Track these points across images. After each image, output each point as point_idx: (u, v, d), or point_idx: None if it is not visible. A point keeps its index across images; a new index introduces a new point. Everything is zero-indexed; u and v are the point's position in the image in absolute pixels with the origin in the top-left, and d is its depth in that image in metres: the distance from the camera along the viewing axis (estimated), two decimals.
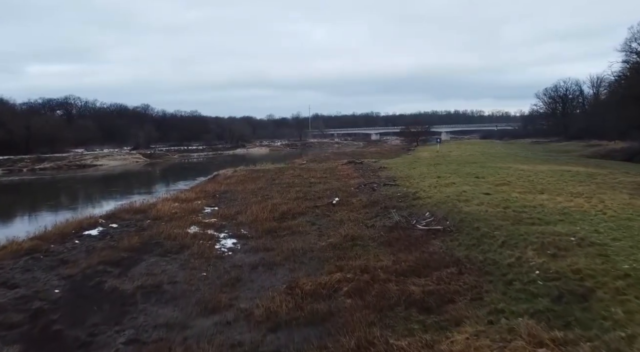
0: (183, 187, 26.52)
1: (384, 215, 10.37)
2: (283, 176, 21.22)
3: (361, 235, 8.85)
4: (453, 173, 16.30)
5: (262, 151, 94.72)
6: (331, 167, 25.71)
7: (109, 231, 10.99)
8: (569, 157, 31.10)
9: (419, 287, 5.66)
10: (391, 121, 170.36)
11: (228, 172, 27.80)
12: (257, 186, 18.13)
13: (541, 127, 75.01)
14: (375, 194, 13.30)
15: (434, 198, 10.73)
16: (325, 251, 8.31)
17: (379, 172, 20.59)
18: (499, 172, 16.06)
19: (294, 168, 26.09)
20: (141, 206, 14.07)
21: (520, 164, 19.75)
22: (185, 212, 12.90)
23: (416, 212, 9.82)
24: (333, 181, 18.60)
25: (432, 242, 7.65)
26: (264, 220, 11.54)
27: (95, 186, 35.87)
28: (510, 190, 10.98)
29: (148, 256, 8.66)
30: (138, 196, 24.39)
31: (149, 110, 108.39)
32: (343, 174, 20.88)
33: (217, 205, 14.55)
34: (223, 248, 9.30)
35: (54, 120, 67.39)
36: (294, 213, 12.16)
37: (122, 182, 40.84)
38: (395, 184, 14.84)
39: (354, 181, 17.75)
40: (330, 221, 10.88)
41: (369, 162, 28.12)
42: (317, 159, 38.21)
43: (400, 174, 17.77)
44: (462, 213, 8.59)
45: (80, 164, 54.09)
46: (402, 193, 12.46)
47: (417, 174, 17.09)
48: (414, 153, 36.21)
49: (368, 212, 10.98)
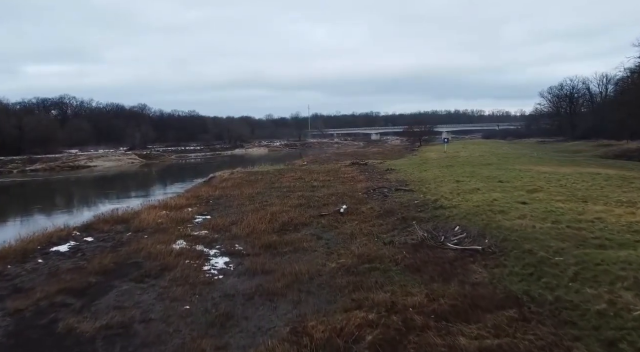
0: (177, 190, 25.03)
1: (403, 228, 8.84)
2: (283, 179, 19.69)
3: (379, 255, 7.32)
4: (471, 176, 14.79)
5: (261, 151, 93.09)
6: (334, 168, 24.19)
7: (81, 246, 9.45)
8: (583, 157, 29.62)
9: (473, 341, 4.13)
10: (391, 121, 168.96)
11: (225, 174, 26.27)
12: (254, 191, 16.60)
13: (546, 127, 73.52)
14: (388, 202, 11.77)
15: (461, 208, 9.20)
16: (336, 276, 6.79)
17: (386, 174, 19.07)
18: (521, 175, 14.55)
19: (294, 170, 24.57)
20: (124, 214, 12.52)
21: (539, 166, 18.26)
22: (172, 223, 11.37)
23: (442, 225, 8.29)
24: (338, 184, 17.07)
25: (471, 267, 6.13)
26: (262, 232, 10.02)
27: (86, 188, 34.30)
28: (547, 198, 9.47)
29: (120, 282, 7.12)
30: (128, 200, 22.87)
31: (146, 110, 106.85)
32: (348, 176, 19.36)
33: (210, 213, 13.02)
34: (213, 269, 7.77)
35: (47, 120, 65.62)
36: (297, 224, 10.64)
37: (114, 184, 39.24)
38: (409, 189, 13.31)
39: (361, 184, 16.22)
40: (339, 235, 9.35)
41: (373, 163, 26.61)
42: (318, 160, 36.69)
43: (412, 177, 16.26)
44: (502, 229, 7.08)
45: (74, 165, 52.48)
46: (420, 201, 10.93)
47: (430, 177, 15.56)
48: (419, 153, 34.69)
49: (383, 224, 9.45)
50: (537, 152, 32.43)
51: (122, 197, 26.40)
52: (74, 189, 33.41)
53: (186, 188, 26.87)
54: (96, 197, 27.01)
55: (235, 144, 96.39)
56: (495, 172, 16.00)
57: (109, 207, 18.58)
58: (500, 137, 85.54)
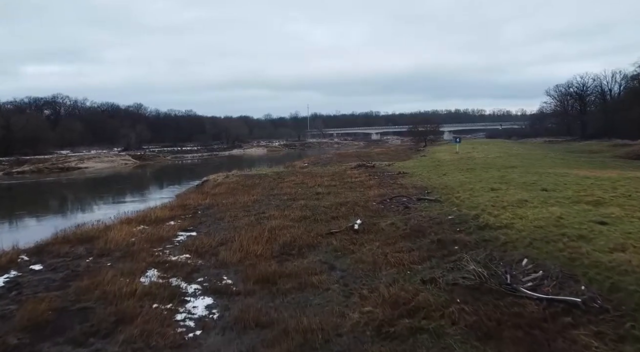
0: (166, 195, 22.90)
1: (443, 256, 6.70)
2: (283, 184, 17.54)
3: (421, 302, 5.17)
4: (504, 182, 12.64)
5: (259, 152, 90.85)
6: (338, 171, 22.05)
7: (22, 278, 7.28)
8: (606, 158, 27.49)
9: None
10: (391, 120, 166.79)
11: (219, 177, 24.13)
12: (250, 198, 14.45)
13: (551, 126, 71.36)
14: (412, 216, 9.61)
15: (517, 228, 7.06)
16: (363, 339, 4.66)
17: (400, 178, 16.93)
18: (563, 181, 12.40)
19: (295, 173, 22.42)
20: (91, 230, 10.34)
21: (574, 169, 16.16)
22: (148, 243, 9.21)
23: (500, 255, 6.15)
24: (346, 191, 14.93)
25: (577, 337, 3.98)
26: (258, 257, 7.90)
27: (71, 192, 32.05)
28: (626, 214, 7.32)
29: (52, 346, 4.96)
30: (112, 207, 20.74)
31: (142, 110, 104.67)
32: (356, 181, 17.21)
33: (197, 228, 10.86)
34: (188, 320, 5.63)
35: (36, 120, 63.17)
36: (301, 245, 8.49)
37: (103, 187, 36.98)
38: (435, 199, 11.14)
39: (373, 191, 14.08)
40: (356, 263, 7.21)
41: (381, 165, 24.47)
42: (320, 162, 34.56)
43: (432, 183, 14.12)
44: (602, 268, 4.94)
45: (63, 166, 50.17)
46: (455, 216, 8.77)
47: (455, 183, 13.40)
48: (427, 154, 32.49)
49: (414, 249, 7.31)
50: (554, 152, 30.32)
51: (107, 202, 24.25)
52: (58, 193, 31.18)
53: (177, 192, 24.77)
54: (78, 203, 24.81)
55: (233, 144, 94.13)
56: (529, 176, 13.85)
57: (87, 216, 16.45)
58: (504, 136, 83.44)
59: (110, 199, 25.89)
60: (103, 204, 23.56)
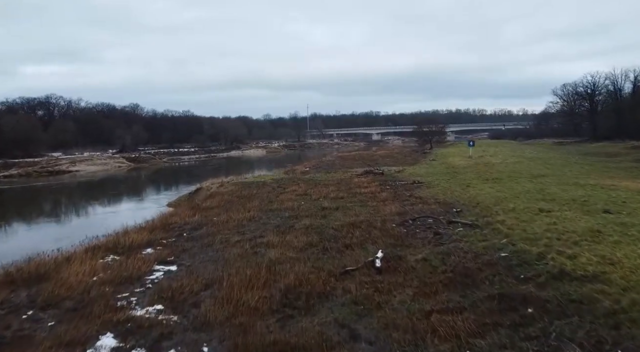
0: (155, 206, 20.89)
1: (515, 326, 4.68)
2: (283, 196, 15.52)
3: None
4: (546, 199, 10.62)
5: (258, 153, 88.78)
6: (344, 179, 20.04)
7: None
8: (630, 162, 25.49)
9: None
10: (392, 120, 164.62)
11: (213, 185, 22.15)
12: (246, 215, 12.42)
13: (559, 126, 69.27)
14: (449, 248, 7.57)
15: (617, 283, 5.03)
16: None
17: (416, 190, 14.92)
18: (616, 197, 10.41)
19: (296, 180, 20.40)
20: (45, 264, 8.29)
21: (615, 180, 14.15)
22: (112, 284, 7.20)
23: (609, 335, 4.13)
24: (356, 205, 12.91)
25: None
26: (252, 312, 5.91)
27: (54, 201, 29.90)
28: None
29: None
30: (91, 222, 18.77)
31: (138, 110, 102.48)
32: (366, 192, 15.20)
33: (178, 259, 8.84)
34: None
35: (28, 120, 61.01)
36: (309, 292, 6.48)
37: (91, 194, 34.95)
38: (470, 223, 9.09)
39: (389, 207, 12.06)
40: (386, 328, 5.20)
41: (389, 171, 22.46)
42: (322, 166, 32.52)
43: (457, 197, 12.12)
44: None
45: (54, 170, 48.02)
46: (508, 252, 6.72)
47: (486, 198, 11.37)
48: (437, 158, 30.36)
49: (464, 306, 5.31)
50: (573, 156, 28.31)
51: (89, 215, 22.25)
52: (39, 202, 29.07)
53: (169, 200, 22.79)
54: (55, 216, 22.69)
55: (231, 146, 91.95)
56: (572, 190, 11.83)
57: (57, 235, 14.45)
58: (509, 137, 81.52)
59: (93, 210, 23.87)
60: (84, 217, 21.55)
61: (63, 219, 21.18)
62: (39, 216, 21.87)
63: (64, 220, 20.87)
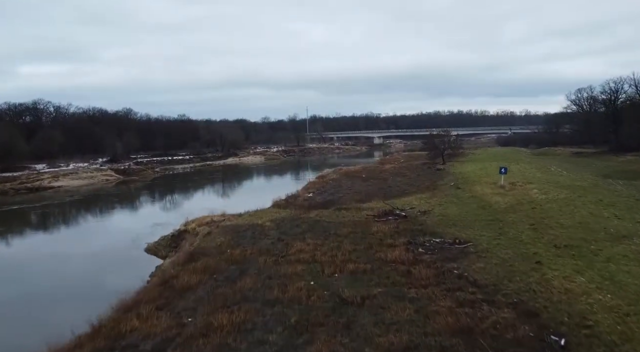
0: (134, 247, 17.24)
1: None
2: (286, 267, 11.75)
3: None
4: None
5: (256, 160, 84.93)
6: (359, 223, 16.33)
7: None
8: None
9: None
10: (393, 123, 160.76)
11: (202, 227, 18.56)
12: (234, 318, 8.63)
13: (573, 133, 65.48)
14: None
15: None
16: None
17: (463, 261, 11.19)
18: None
19: (300, 225, 16.68)
20: None
21: None
22: None
23: None
24: (389, 296, 9.17)
25: None
26: None
27: (17, 233, 26.13)
28: None
29: None
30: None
31: (131, 115, 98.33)
32: (395, 259, 11.46)
33: None
34: None
35: (9, 129, 57.00)
36: None
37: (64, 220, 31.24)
38: None
39: (439, 305, 8.35)
40: None
41: (412, 209, 18.74)
42: (327, 189, 28.81)
43: (538, 293, 8.40)
44: None
45: (33, 186, 43.96)
46: None
47: (601, 312, 7.56)
48: (460, 183, 26.29)
49: None
50: (612, 179, 24.60)
51: (43, 267, 18.52)
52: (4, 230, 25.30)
53: (146, 245, 19.15)
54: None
55: (228, 152, 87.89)
56: None
57: None
58: (519, 143, 77.65)
59: (51, 258, 20.09)
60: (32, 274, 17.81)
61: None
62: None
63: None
